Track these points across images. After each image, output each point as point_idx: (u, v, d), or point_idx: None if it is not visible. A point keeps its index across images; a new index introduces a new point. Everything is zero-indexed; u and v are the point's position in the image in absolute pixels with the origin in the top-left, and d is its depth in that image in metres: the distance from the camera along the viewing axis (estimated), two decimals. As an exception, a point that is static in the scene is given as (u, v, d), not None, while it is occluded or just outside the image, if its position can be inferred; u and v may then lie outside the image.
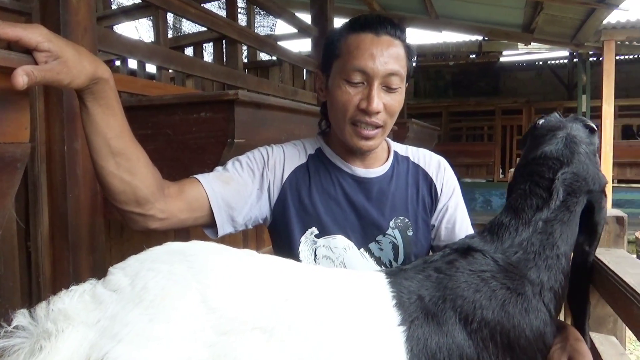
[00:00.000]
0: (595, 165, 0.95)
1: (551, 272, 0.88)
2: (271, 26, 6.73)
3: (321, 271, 0.91)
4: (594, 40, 5.81)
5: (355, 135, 1.11)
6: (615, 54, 5.78)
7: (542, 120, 1.06)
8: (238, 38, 2.71)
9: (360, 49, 1.06)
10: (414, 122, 4.22)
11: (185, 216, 1.03)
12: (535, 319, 0.85)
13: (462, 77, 10.65)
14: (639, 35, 5.65)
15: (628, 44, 6.48)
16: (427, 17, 5.91)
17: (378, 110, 1.07)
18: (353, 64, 1.06)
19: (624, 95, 8.18)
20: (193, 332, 0.68)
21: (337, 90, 1.09)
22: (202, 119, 1.58)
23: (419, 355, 0.80)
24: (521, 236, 0.90)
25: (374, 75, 1.06)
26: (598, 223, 0.92)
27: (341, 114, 1.10)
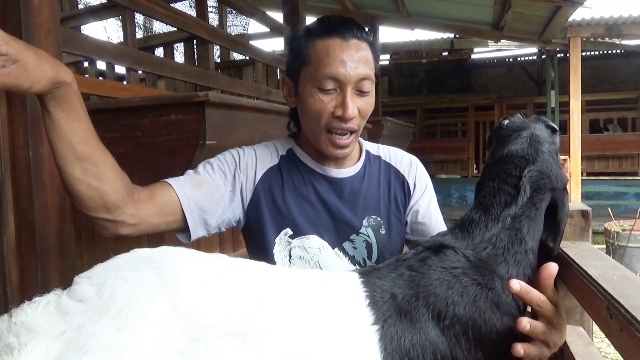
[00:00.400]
0: (557, 163, 0.98)
1: (520, 267, 0.89)
2: (244, 25, 6.69)
3: (293, 273, 0.91)
4: (561, 37, 5.95)
5: (331, 144, 1.11)
6: (581, 50, 5.92)
7: (506, 120, 1.08)
8: (209, 38, 2.68)
9: (330, 56, 1.05)
10: (388, 120, 4.24)
11: (157, 221, 1.02)
12: (506, 314, 0.87)
13: (435, 75, 10.78)
14: (603, 31, 5.80)
15: (593, 41, 6.65)
16: (399, 16, 5.96)
17: (353, 116, 1.07)
18: (325, 72, 1.05)
19: (590, 91, 8.40)
20: (163, 340, 0.67)
21: (310, 98, 1.08)
22: (172, 121, 1.56)
23: (393, 354, 0.80)
24: (491, 232, 0.92)
25: (346, 82, 1.05)
26: (561, 220, 0.95)
27: (315, 121, 1.10)
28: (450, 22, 6.08)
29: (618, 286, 0.72)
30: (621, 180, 7.87)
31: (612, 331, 0.67)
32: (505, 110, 8.77)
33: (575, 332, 1.03)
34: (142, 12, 2.28)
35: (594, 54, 9.38)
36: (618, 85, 9.43)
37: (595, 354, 0.93)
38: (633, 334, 0.58)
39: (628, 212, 7.07)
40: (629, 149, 7.92)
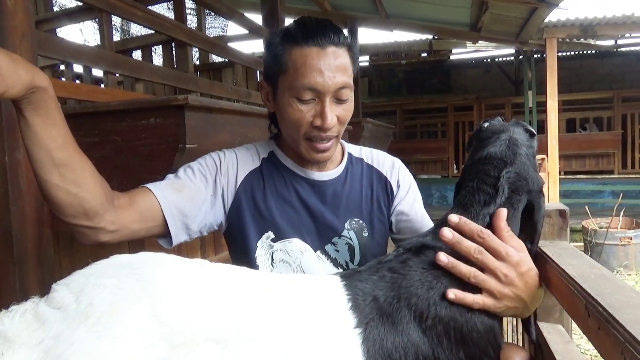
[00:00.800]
0: (534, 167, 1.00)
1: None
2: (222, 27, 6.64)
3: (275, 278, 0.91)
4: (537, 38, 6.05)
5: (312, 149, 1.11)
6: (557, 51, 6.03)
7: (486, 123, 1.11)
8: (187, 40, 2.66)
9: (307, 66, 1.03)
10: (368, 121, 4.26)
11: (137, 227, 1.00)
12: (486, 313, 0.88)
13: (414, 76, 10.86)
14: (578, 32, 5.92)
15: (569, 41, 6.78)
16: (378, 17, 5.99)
17: (332, 125, 1.07)
18: (302, 83, 1.03)
19: (567, 91, 8.55)
20: (144, 347, 0.66)
21: (289, 108, 1.07)
22: (151, 125, 1.54)
23: (376, 357, 0.81)
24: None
25: (324, 92, 1.04)
26: (538, 221, 0.97)
27: (295, 130, 1.09)
28: (429, 23, 6.14)
29: (595, 284, 0.73)
30: (598, 179, 8.03)
31: (590, 329, 0.68)
32: (484, 110, 8.88)
33: (555, 330, 1.05)
34: (119, 15, 2.25)
35: (569, 54, 9.55)
36: (593, 85, 9.62)
37: (574, 352, 0.95)
38: (610, 332, 0.59)
39: (605, 210, 7.22)
40: (605, 148, 8.09)
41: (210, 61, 4.91)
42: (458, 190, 1.05)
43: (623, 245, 5.74)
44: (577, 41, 6.95)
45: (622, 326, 0.57)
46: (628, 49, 9.55)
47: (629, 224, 6.16)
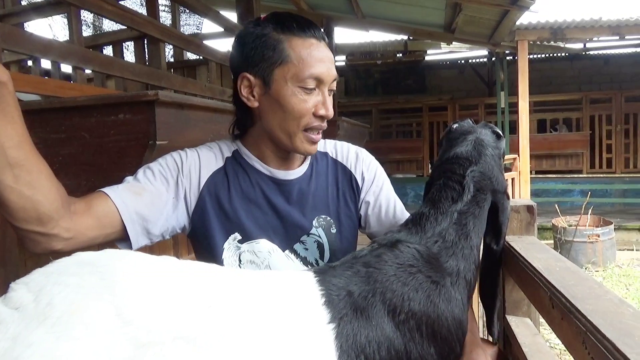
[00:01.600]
0: (499, 167, 1.03)
1: (466, 262, 0.92)
2: (197, 25, 6.57)
3: (247, 274, 0.89)
4: (509, 40, 6.17)
5: (307, 141, 1.10)
6: (528, 53, 6.16)
7: (456, 125, 1.14)
8: (160, 36, 2.62)
9: (312, 56, 1.05)
10: (344, 120, 4.26)
11: (94, 234, 0.96)
12: (456, 308, 0.89)
13: (390, 76, 10.93)
14: (549, 35, 6.05)
15: (539, 44, 6.93)
16: (354, 17, 6.01)
17: (332, 114, 1.09)
18: (310, 72, 1.05)
19: (537, 92, 8.73)
20: (107, 348, 0.64)
21: (293, 98, 1.06)
22: (120, 121, 1.51)
23: (349, 352, 0.80)
24: (441, 226, 0.95)
25: (326, 82, 1.08)
26: (503, 222, 1.00)
27: (295, 121, 1.07)
28: (404, 24, 6.19)
29: (560, 277, 0.74)
30: (567, 178, 8.23)
31: (554, 320, 0.69)
32: (458, 110, 9.00)
33: (523, 324, 1.06)
34: (89, 9, 2.20)
35: (540, 57, 9.75)
36: (563, 87, 9.86)
37: (541, 344, 0.97)
38: (572, 322, 0.60)
39: (574, 208, 7.40)
40: (574, 148, 8.30)
41: (184, 59, 4.85)
42: (428, 188, 1.07)
43: (591, 243, 5.90)
44: (547, 44, 7.10)
45: (584, 316, 0.58)
46: (596, 52, 9.81)
47: (597, 222, 6.34)
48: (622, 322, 0.56)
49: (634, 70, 9.85)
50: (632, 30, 6.00)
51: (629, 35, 6.22)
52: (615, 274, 5.73)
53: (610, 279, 5.53)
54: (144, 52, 2.98)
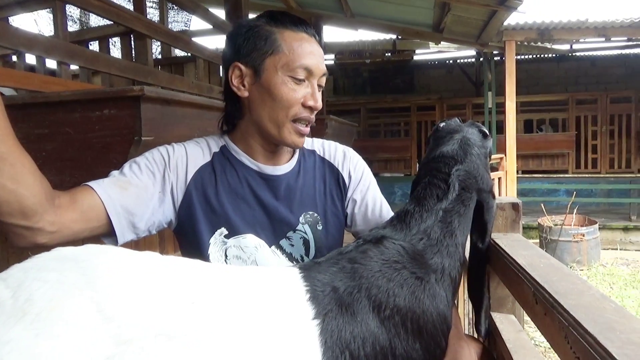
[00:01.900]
0: (485, 167, 1.04)
1: (451, 260, 0.92)
2: (186, 22, 6.53)
3: (231, 270, 0.88)
4: (497, 41, 6.21)
5: (295, 132, 1.11)
6: (515, 54, 6.21)
7: (442, 123, 1.15)
8: (147, 32, 2.59)
9: (303, 48, 1.08)
10: (332, 119, 4.26)
11: (79, 227, 0.95)
12: (440, 304, 0.89)
13: (378, 75, 10.96)
14: (536, 36, 6.11)
15: (527, 44, 6.99)
16: (343, 16, 6.01)
17: (321, 107, 1.11)
18: (301, 62, 1.07)
19: (524, 92, 8.82)
20: (88, 345, 0.63)
21: (283, 86, 1.08)
22: (105, 117, 1.49)
23: (333, 347, 0.80)
24: (426, 223, 0.95)
25: (316, 74, 1.10)
26: (488, 221, 1.01)
27: (284, 110, 1.08)
28: (393, 23, 6.21)
29: (543, 273, 0.75)
30: (553, 178, 8.32)
31: (537, 316, 0.69)
32: (445, 110, 9.05)
33: (507, 320, 1.07)
34: (74, 4, 2.17)
35: (528, 57, 9.85)
36: (550, 88, 9.96)
37: (525, 340, 0.97)
38: (555, 317, 0.60)
39: (560, 207, 7.48)
40: (560, 148, 8.39)
41: (172, 56, 4.81)
42: (415, 186, 1.07)
43: (576, 242, 5.97)
44: (534, 44, 7.17)
45: (566, 311, 0.58)
46: (582, 53, 9.92)
47: (582, 221, 6.41)
48: (603, 317, 0.56)
49: (619, 71, 9.99)
50: (618, 32, 6.08)
51: (614, 36, 6.30)
52: (600, 272, 5.81)
53: (594, 278, 5.60)
54: (131, 48, 2.95)
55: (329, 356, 0.78)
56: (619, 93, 8.62)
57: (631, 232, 7.11)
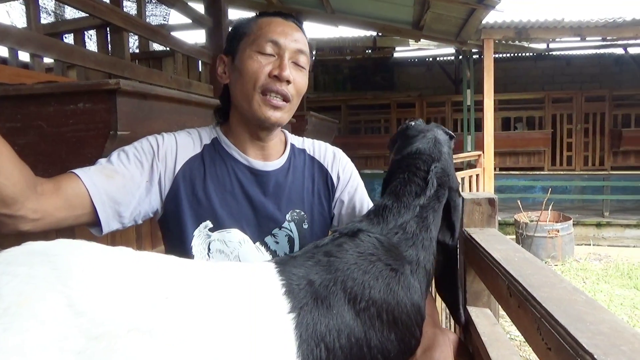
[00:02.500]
0: (452, 166, 1.06)
1: (426, 253, 0.93)
2: (164, 16, 6.43)
3: (205, 265, 0.88)
4: (476, 39, 6.28)
5: (264, 104, 1.09)
6: (494, 52, 6.28)
7: (413, 122, 1.16)
8: (123, 25, 2.55)
9: (272, 25, 1.11)
10: (312, 115, 4.26)
11: (63, 215, 0.94)
12: (415, 295, 0.90)
13: (359, 72, 10.99)
14: (513, 34, 6.19)
15: (505, 43, 7.08)
16: (324, 12, 6.00)
17: (289, 78, 1.09)
18: (266, 36, 1.09)
19: (502, 91, 8.94)
20: (58, 340, 0.62)
21: (248, 60, 1.10)
22: (80, 110, 1.46)
23: (308, 341, 0.80)
24: (403, 218, 0.96)
25: (285, 48, 1.10)
26: (456, 220, 1.03)
27: (251, 83, 1.09)
28: (373, 20, 6.21)
29: (517, 266, 0.76)
30: (529, 175, 8.46)
31: (511, 308, 0.70)
32: (425, 107, 9.12)
33: (483, 314, 1.08)
34: (48, -6, 2.12)
35: (505, 56, 9.98)
36: (527, 86, 10.12)
37: (499, 333, 0.98)
38: (528, 309, 0.61)
39: (536, 204, 7.63)
40: (536, 146, 8.53)
41: (150, 50, 4.74)
42: (386, 184, 1.08)
43: (551, 238, 6.08)
44: (512, 43, 7.27)
45: (539, 303, 0.59)
46: (558, 53, 10.10)
47: (557, 218, 6.54)
48: (574, 309, 0.57)
49: (593, 71, 10.20)
50: (593, 32, 6.20)
51: (589, 36, 6.43)
52: (573, 267, 5.94)
53: (568, 273, 5.72)
54: (107, 41, 2.90)
55: (304, 349, 0.78)
56: (593, 92, 8.80)
57: (604, 228, 7.29)
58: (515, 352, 0.92)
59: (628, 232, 7.22)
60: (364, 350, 0.83)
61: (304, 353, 0.79)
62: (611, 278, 5.50)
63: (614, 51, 9.80)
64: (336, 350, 0.81)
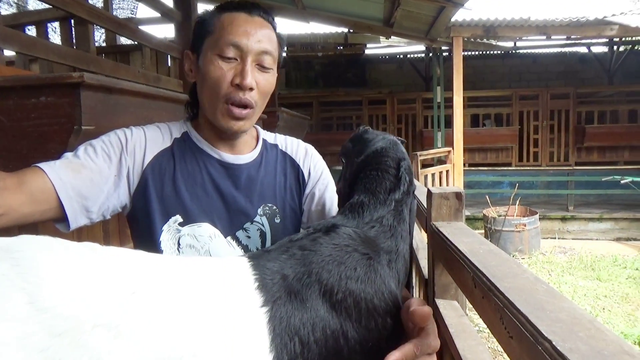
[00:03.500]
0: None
1: (404, 243, 0.94)
2: (132, 9, 6.31)
3: (175, 260, 0.86)
4: (445, 37, 6.37)
5: (227, 114, 1.08)
6: (463, 50, 6.39)
7: (367, 127, 1.19)
8: (88, 18, 2.48)
9: (234, 25, 1.05)
10: (283, 111, 4.25)
11: (28, 210, 0.91)
12: (392, 283, 0.90)
13: (331, 69, 11.01)
14: (482, 32, 6.30)
15: (473, 41, 7.21)
16: (294, 8, 5.98)
17: (252, 86, 1.06)
18: (227, 39, 1.04)
19: (471, 88, 9.10)
20: (19, 338, 0.60)
21: (210, 65, 1.06)
22: (42, 104, 1.42)
23: (282, 334, 0.79)
24: (379, 213, 0.96)
25: (247, 51, 1.05)
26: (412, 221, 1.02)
27: (214, 91, 1.07)
28: (344, 16, 6.23)
29: (482, 258, 0.77)
30: (498, 171, 8.65)
31: (475, 299, 0.72)
32: (396, 104, 9.20)
33: (450, 306, 1.10)
34: (8, -15, 2.04)
35: (474, 54, 10.16)
36: (495, 84, 10.33)
37: (466, 325, 1.00)
38: (492, 299, 0.63)
39: (503, 199, 7.81)
40: (504, 142, 8.72)
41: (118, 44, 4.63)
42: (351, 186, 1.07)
43: (518, 232, 6.24)
44: (480, 41, 7.40)
45: (502, 293, 0.61)
46: (525, 51, 10.35)
47: (524, 212, 6.71)
48: (535, 298, 0.59)
49: (559, 69, 10.49)
50: (557, 31, 6.37)
51: (554, 35, 6.60)
52: (539, 260, 6.10)
53: (534, 266, 5.88)
54: (71, 34, 2.82)
55: (278, 343, 0.77)
56: (558, 90, 9.04)
57: (568, 222, 7.52)
58: (481, 343, 0.94)
59: (591, 226, 7.46)
60: (341, 342, 0.83)
61: (278, 347, 0.78)
62: (575, 270, 5.68)
63: (578, 50, 10.11)
64: (311, 343, 0.80)
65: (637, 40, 9.37)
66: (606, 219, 7.43)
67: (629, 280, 5.31)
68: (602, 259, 6.08)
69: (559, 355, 0.45)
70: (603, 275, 5.44)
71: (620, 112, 8.71)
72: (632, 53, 9.64)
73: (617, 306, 4.62)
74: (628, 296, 4.85)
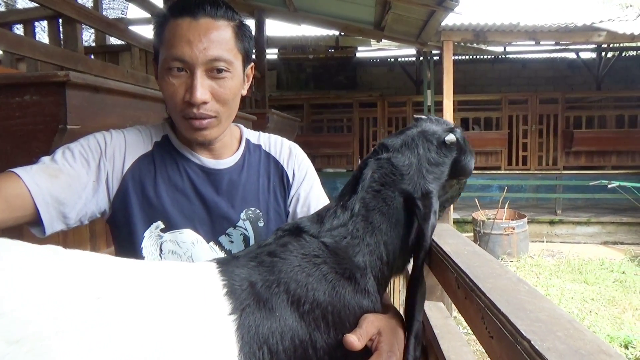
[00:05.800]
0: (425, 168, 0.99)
1: (372, 257, 0.91)
2: (122, 9, 6.28)
3: (143, 265, 0.84)
4: (436, 40, 6.40)
5: (189, 128, 1.05)
6: (453, 54, 6.42)
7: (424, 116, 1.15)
8: (76, 17, 2.46)
9: (176, 37, 0.99)
10: (273, 113, 4.25)
11: (2, 216, 0.88)
12: (363, 299, 0.88)
13: (322, 71, 11.02)
14: (472, 37, 6.34)
15: (463, 45, 7.25)
16: (286, 10, 5.99)
17: (203, 100, 1.00)
18: (170, 53, 0.99)
19: (461, 92, 9.14)
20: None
21: (162, 82, 1.02)
22: (26, 103, 1.41)
23: (250, 343, 0.78)
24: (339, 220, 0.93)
25: (193, 63, 0.99)
26: (424, 232, 0.88)
27: (172, 107, 1.04)
28: (336, 19, 6.25)
29: (466, 259, 0.77)
30: (487, 174, 8.69)
31: (458, 300, 0.72)
32: (387, 107, 9.22)
33: (436, 307, 1.10)
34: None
35: (465, 58, 10.23)
36: (485, 88, 10.40)
37: (451, 326, 1.01)
38: (474, 299, 0.63)
39: (492, 202, 7.84)
40: (494, 146, 8.76)
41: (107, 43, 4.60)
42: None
43: (507, 235, 6.27)
44: (470, 46, 7.44)
45: (483, 293, 0.61)
46: (515, 56, 10.44)
47: (512, 215, 6.75)
48: (516, 298, 0.59)
49: (547, 74, 10.59)
50: (546, 36, 6.42)
51: (543, 40, 6.66)
52: (528, 264, 6.14)
53: (523, 269, 5.91)
54: (59, 33, 2.79)
55: (247, 352, 0.76)
56: (547, 94, 9.11)
57: (556, 226, 7.58)
58: (466, 344, 0.94)
59: (579, 229, 7.53)
60: (309, 352, 0.82)
61: (246, 355, 0.76)
62: (563, 273, 5.72)
63: (567, 56, 10.21)
64: (279, 352, 0.79)
65: (625, 46, 9.49)
66: (593, 223, 7.50)
67: (615, 284, 5.36)
68: (589, 263, 6.13)
69: (537, 355, 0.45)
70: (590, 278, 5.49)
71: (607, 117, 8.80)
72: (619, 59, 9.75)
73: (603, 309, 4.66)
74: (614, 299, 4.90)
